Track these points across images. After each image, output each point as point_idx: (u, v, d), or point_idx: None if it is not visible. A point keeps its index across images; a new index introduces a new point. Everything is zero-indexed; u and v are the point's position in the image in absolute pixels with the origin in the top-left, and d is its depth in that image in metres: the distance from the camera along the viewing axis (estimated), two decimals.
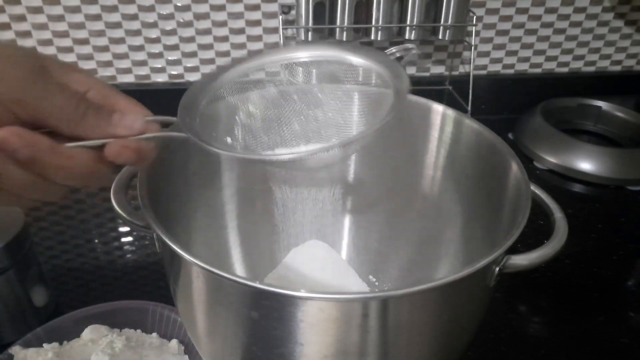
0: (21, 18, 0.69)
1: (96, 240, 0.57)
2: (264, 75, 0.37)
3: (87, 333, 0.41)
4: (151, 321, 0.43)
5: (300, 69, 0.36)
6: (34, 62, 0.25)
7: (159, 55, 0.74)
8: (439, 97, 0.79)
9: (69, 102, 0.25)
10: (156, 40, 0.73)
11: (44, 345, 0.40)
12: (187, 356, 0.41)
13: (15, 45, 0.25)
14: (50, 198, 0.27)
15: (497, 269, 0.29)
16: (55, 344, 0.41)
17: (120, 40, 0.72)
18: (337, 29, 0.68)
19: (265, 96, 0.37)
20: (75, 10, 0.69)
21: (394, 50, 0.36)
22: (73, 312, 0.43)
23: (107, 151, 0.26)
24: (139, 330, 0.43)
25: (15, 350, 0.40)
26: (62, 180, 0.26)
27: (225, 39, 0.74)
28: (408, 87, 0.30)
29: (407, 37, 0.70)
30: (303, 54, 0.36)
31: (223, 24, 0.73)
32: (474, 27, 0.71)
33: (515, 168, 0.35)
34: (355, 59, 0.34)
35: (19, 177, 0.25)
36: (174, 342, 0.42)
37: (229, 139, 0.34)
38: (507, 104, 0.82)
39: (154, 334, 0.43)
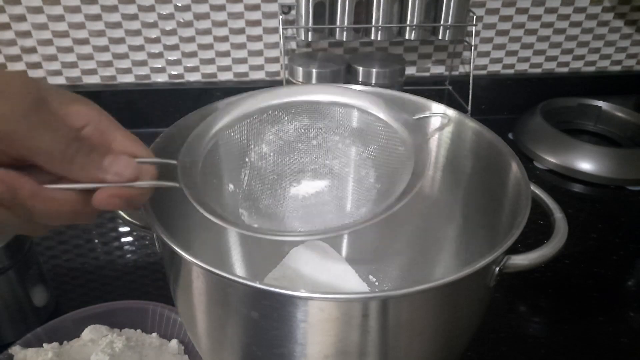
0: (21, 18, 0.69)
1: (96, 240, 0.57)
2: (277, 115, 0.35)
3: (87, 333, 0.41)
4: (151, 321, 0.43)
5: (319, 115, 0.34)
6: (32, 95, 0.23)
7: (159, 55, 0.74)
8: (439, 97, 0.79)
9: (59, 141, 0.24)
10: (156, 40, 0.73)
11: (43, 345, 0.40)
12: (187, 356, 0.41)
13: (15, 75, 0.24)
14: (35, 234, 0.26)
15: (497, 269, 0.29)
16: (55, 344, 0.41)
17: (120, 40, 0.72)
18: (337, 29, 0.68)
19: (280, 137, 0.35)
20: (75, 10, 0.69)
21: (428, 115, 0.34)
22: (73, 312, 0.43)
23: (95, 200, 0.25)
24: (138, 330, 0.43)
25: (15, 350, 0.40)
26: (44, 221, 0.25)
27: (225, 39, 0.74)
28: (428, 165, 0.28)
29: (407, 37, 0.70)
30: (326, 97, 0.34)
31: (223, 24, 0.73)
32: (474, 27, 0.71)
33: (515, 168, 0.35)
34: (383, 114, 0.32)
35: (1, 216, 0.24)
36: (174, 342, 0.42)
37: (231, 186, 0.33)
38: (507, 104, 0.82)
39: (154, 334, 0.43)
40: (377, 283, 0.48)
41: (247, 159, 0.34)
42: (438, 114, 0.33)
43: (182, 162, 0.29)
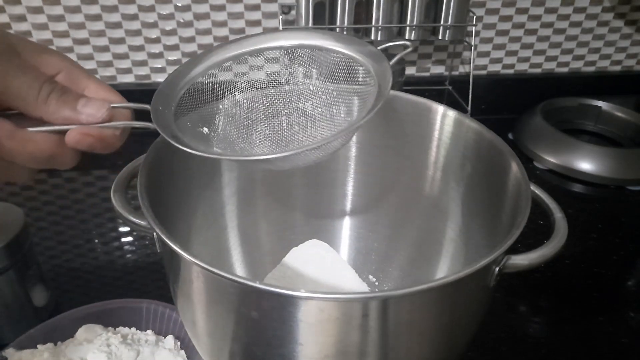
0: (21, 18, 0.69)
1: (96, 240, 0.57)
2: (248, 63, 0.36)
3: (82, 333, 0.41)
4: (145, 318, 0.43)
5: (286, 57, 0.35)
6: (6, 44, 0.25)
7: (159, 55, 0.74)
8: (439, 97, 0.79)
9: (32, 84, 0.25)
10: (156, 41, 0.73)
11: (38, 346, 0.40)
12: (183, 351, 0.41)
13: None
14: (16, 179, 0.27)
15: (497, 269, 0.29)
16: (49, 345, 0.40)
17: (120, 41, 0.72)
18: (337, 29, 0.68)
19: (252, 84, 0.36)
20: (75, 10, 0.69)
21: (388, 45, 0.36)
22: (66, 313, 0.42)
23: (67, 138, 0.26)
24: (133, 328, 0.43)
25: (9, 352, 0.39)
26: (24, 163, 0.26)
27: (225, 39, 0.74)
28: (390, 85, 0.29)
29: (407, 37, 0.70)
30: (288, 41, 0.35)
31: (223, 24, 0.73)
32: (474, 27, 0.71)
33: (515, 168, 0.35)
34: (344, 49, 0.33)
35: None
36: (170, 338, 0.42)
37: (205, 129, 0.34)
38: (507, 104, 0.82)
39: (149, 331, 0.43)
40: (377, 283, 0.48)
41: (220, 105, 0.35)
42: (399, 42, 0.34)
43: (155, 106, 0.29)
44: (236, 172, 0.45)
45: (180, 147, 0.27)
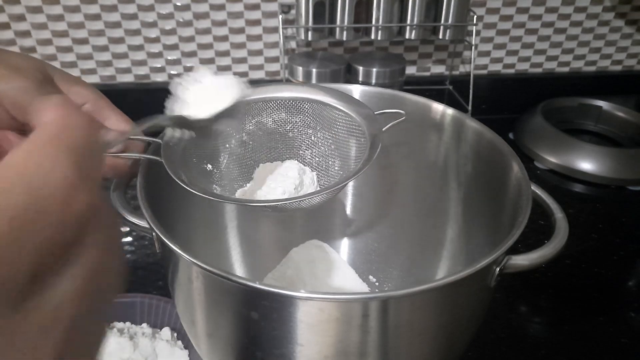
0: (21, 18, 0.69)
1: None
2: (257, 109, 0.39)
3: None
4: (140, 313, 0.43)
5: (292, 108, 0.38)
6: (41, 73, 0.28)
7: (159, 54, 0.74)
8: (439, 97, 0.79)
9: None
10: (156, 40, 0.73)
11: None
12: (180, 342, 0.42)
13: (27, 56, 0.30)
14: None
15: (498, 269, 0.29)
16: None
17: (119, 40, 0.72)
18: (337, 29, 0.68)
19: (260, 128, 0.39)
20: (75, 9, 0.69)
21: (386, 112, 0.38)
22: None
23: None
24: (128, 322, 0.43)
25: None
26: None
27: (225, 38, 0.74)
28: (375, 155, 0.32)
29: (407, 36, 0.70)
30: (294, 94, 0.38)
31: (223, 23, 0.73)
32: (474, 27, 0.71)
33: (515, 168, 0.35)
34: (341, 107, 0.37)
35: None
36: (166, 329, 0.42)
37: (209, 166, 0.37)
38: (507, 104, 0.82)
39: (144, 324, 0.43)
40: (377, 283, 0.48)
41: (227, 145, 0.38)
42: (396, 111, 0.37)
43: (166, 142, 0.32)
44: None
45: (183, 185, 0.30)
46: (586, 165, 0.67)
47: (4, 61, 0.28)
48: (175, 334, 0.42)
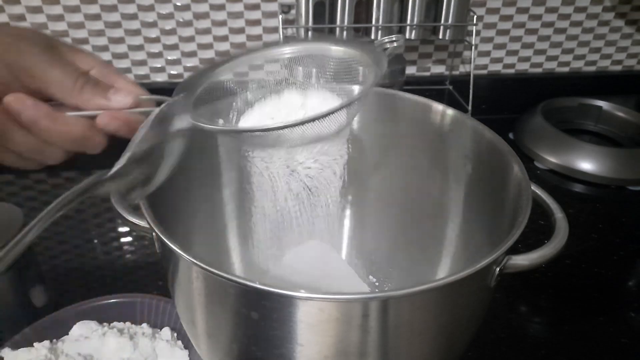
0: (21, 18, 0.69)
1: (95, 241, 0.57)
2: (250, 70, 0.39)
3: (76, 329, 0.41)
4: (140, 313, 0.43)
5: (285, 68, 0.38)
6: (46, 41, 0.29)
7: (159, 54, 0.74)
8: (439, 97, 0.79)
9: (69, 75, 0.28)
10: (156, 40, 0.73)
11: (34, 344, 0.40)
12: (180, 342, 0.42)
13: (32, 28, 0.32)
14: (50, 160, 0.30)
15: (498, 269, 0.29)
16: (46, 342, 0.40)
17: (119, 40, 0.72)
18: (337, 29, 0.68)
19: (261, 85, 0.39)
20: (75, 9, 0.69)
21: (386, 40, 0.38)
22: (60, 311, 0.42)
23: (98, 120, 0.29)
24: (128, 323, 0.43)
25: (5, 352, 0.39)
26: (59, 143, 0.29)
27: (225, 38, 0.74)
28: (385, 68, 0.32)
29: (407, 36, 0.70)
30: (288, 50, 0.37)
31: (223, 23, 0.72)
32: (474, 27, 0.71)
33: (515, 168, 0.35)
34: (338, 49, 0.35)
35: (21, 138, 0.28)
36: (166, 329, 0.42)
37: (220, 121, 0.36)
38: (507, 104, 0.82)
39: (144, 324, 0.43)
40: (377, 283, 0.48)
41: (234, 104, 0.38)
42: (393, 40, 0.37)
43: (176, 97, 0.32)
44: (235, 172, 0.45)
45: (203, 125, 0.30)
46: (586, 165, 0.67)
47: (6, 31, 0.29)
48: (175, 334, 0.42)
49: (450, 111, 0.42)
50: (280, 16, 0.67)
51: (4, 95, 0.27)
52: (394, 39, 0.37)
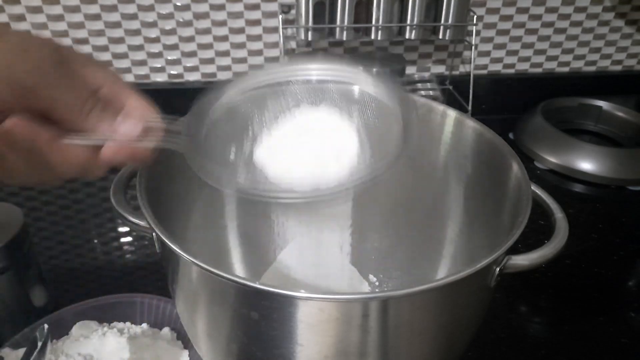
0: (20, 18, 0.69)
1: (95, 241, 0.57)
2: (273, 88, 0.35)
3: (77, 329, 0.41)
4: (140, 313, 0.43)
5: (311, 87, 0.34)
6: (56, 54, 0.26)
7: (159, 54, 0.74)
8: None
9: (77, 96, 0.27)
10: (156, 40, 0.73)
11: None
12: (180, 342, 0.42)
13: (43, 38, 0.27)
14: (48, 183, 0.29)
15: (498, 269, 0.29)
16: None
17: (119, 40, 0.72)
18: (337, 29, 0.68)
19: (280, 108, 0.35)
20: (75, 9, 0.69)
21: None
22: (60, 311, 0.42)
23: (103, 152, 0.28)
24: (128, 322, 0.43)
25: (5, 352, 0.39)
26: (58, 169, 0.27)
27: (225, 38, 0.74)
28: (416, 120, 0.30)
29: (407, 36, 0.70)
30: (314, 71, 0.34)
31: (223, 23, 0.72)
32: (474, 27, 0.71)
33: (515, 168, 0.35)
34: (366, 85, 0.33)
35: (19, 163, 0.27)
36: (166, 330, 0.42)
37: (233, 153, 0.33)
38: (507, 104, 0.82)
39: (144, 325, 0.43)
40: (377, 283, 0.48)
41: (249, 132, 0.34)
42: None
43: (187, 131, 0.31)
44: None
45: (204, 179, 0.29)
46: (586, 165, 0.67)
47: (10, 40, 0.26)
48: (175, 334, 0.42)
49: (450, 111, 0.42)
50: (280, 16, 0.67)
51: (4, 118, 0.26)
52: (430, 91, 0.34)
